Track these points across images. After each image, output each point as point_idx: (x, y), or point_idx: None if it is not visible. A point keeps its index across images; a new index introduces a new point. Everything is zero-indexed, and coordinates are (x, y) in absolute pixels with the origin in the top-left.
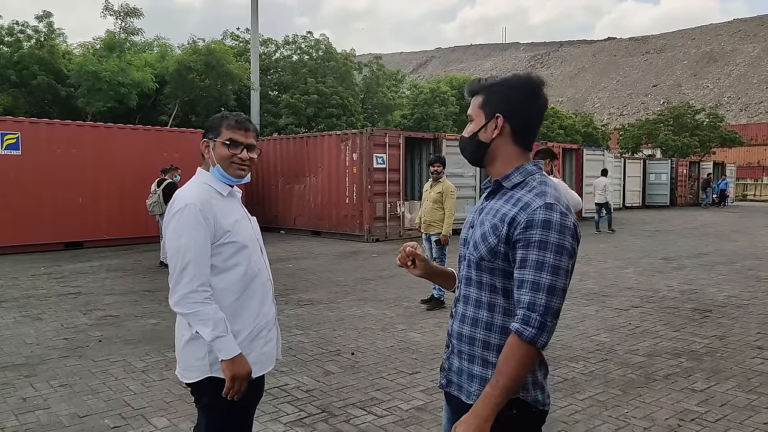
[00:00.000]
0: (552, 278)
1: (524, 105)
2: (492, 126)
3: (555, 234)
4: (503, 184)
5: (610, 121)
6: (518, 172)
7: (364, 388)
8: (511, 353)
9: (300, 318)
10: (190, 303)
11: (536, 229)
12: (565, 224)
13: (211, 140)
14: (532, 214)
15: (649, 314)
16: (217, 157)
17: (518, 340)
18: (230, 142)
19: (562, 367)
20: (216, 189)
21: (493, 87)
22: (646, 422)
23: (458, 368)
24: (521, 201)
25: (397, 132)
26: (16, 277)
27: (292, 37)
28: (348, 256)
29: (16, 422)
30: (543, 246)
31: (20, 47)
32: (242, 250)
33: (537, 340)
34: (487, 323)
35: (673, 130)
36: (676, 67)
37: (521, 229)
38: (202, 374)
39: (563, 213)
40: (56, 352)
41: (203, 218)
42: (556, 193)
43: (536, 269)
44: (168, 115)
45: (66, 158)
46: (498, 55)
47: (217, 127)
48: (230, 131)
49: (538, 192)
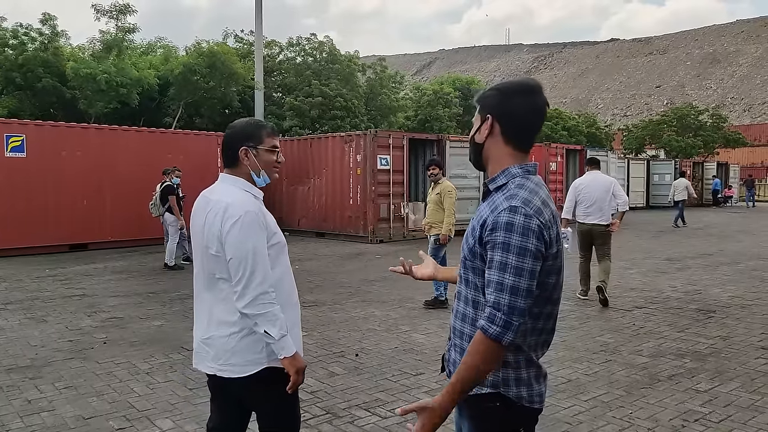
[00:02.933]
0: (515, 279)
1: (513, 106)
2: (484, 127)
3: (517, 236)
4: (489, 186)
5: (613, 122)
6: (503, 174)
7: (369, 389)
8: (474, 348)
9: (304, 319)
10: (262, 304)
11: (499, 231)
12: (528, 226)
13: (251, 148)
14: (497, 217)
15: (653, 315)
16: (262, 164)
17: (482, 336)
18: (274, 149)
19: (565, 368)
20: (254, 195)
21: (488, 92)
22: (650, 423)
23: (454, 360)
24: (494, 203)
25: (400, 133)
26: (21, 279)
27: (296, 39)
28: (352, 258)
29: (21, 424)
30: (506, 248)
31: (25, 49)
32: (283, 249)
33: (502, 338)
34: (472, 319)
35: (677, 130)
36: (679, 68)
37: (488, 231)
38: (260, 366)
39: (527, 215)
40: (61, 354)
41: (264, 223)
42: (529, 195)
43: (500, 270)
44: (172, 117)
45: (71, 160)
46: (501, 56)
47: (257, 135)
48: (271, 138)
49: (509, 195)
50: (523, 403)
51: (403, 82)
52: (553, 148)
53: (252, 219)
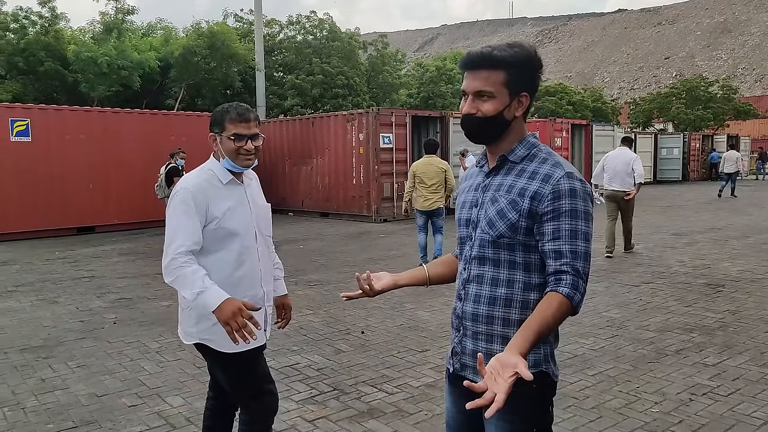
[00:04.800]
0: (586, 245)
1: (538, 83)
2: (516, 104)
3: (582, 202)
4: (510, 159)
5: (620, 95)
6: (522, 145)
7: (375, 366)
8: (557, 308)
9: (310, 298)
10: (171, 269)
11: (564, 198)
12: (586, 191)
13: (218, 135)
14: (557, 185)
15: (660, 290)
16: (225, 151)
17: (567, 303)
18: (235, 137)
19: (572, 344)
20: (218, 176)
21: (519, 64)
22: (657, 397)
23: (473, 350)
24: (539, 173)
25: (403, 111)
26: (32, 262)
27: (296, 17)
28: (356, 237)
29: (36, 402)
30: (574, 214)
31: (26, 34)
32: (232, 236)
33: (579, 306)
34: (506, 300)
35: (686, 103)
36: (689, 39)
37: (549, 201)
38: (194, 339)
39: (582, 180)
40: (72, 334)
41: (193, 203)
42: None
43: (571, 237)
44: (174, 99)
45: (75, 144)
46: (505, 30)
47: (220, 122)
48: (233, 125)
49: (553, 163)
50: (554, 378)
51: (405, 59)
52: (558, 123)
53: (182, 197)
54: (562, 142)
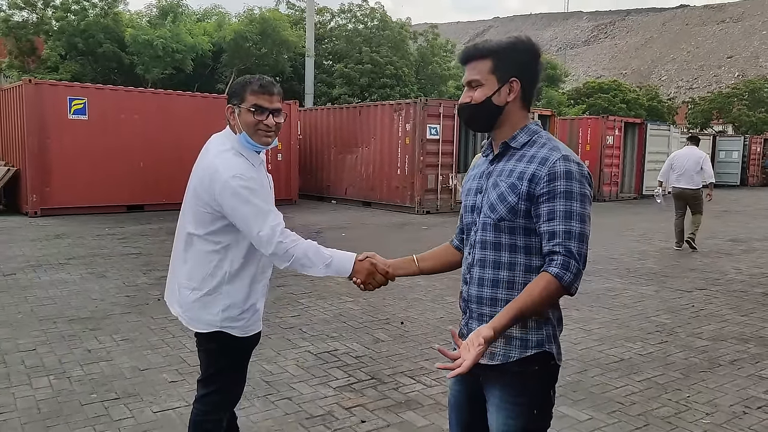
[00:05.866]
0: (581, 226)
1: (532, 68)
2: (506, 90)
3: (577, 183)
4: (511, 145)
5: (678, 95)
6: (523, 132)
7: (414, 357)
8: (544, 289)
9: (350, 286)
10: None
11: (559, 180)
12: (583, 173)
13: (236, 106)
14: (552, 167)
15: (714, 297)
16: (243, 124)
17: (555, 281)
18: (255, 109)
19: (618, 347)
20: (249, 161)
21: (504, 51)
22: (708, 407)
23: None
24: (537, 157)
25: (452, 103)
26: (83, 237)
27: (348, 5)
28: (398, 228)
29: (81, 372)
30: (568, 196)
31: (86, 15)
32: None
33: (572, 286)
34: (509, 282)
35: (748, 104)
36: (754, 38)
37: (544, 183)
38: (213, 328)
39: (579, 163)
40: (118, 308)
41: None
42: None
43: (565, 218)
44: (225, 84)
45: (129, 123)
46: (559, 24)
47: (240, 93)
48: (254, 96)
49: (551, 147)
50: (557, 361)
51: (455, 51)
52: (611, 121)
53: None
54: (614, 141)
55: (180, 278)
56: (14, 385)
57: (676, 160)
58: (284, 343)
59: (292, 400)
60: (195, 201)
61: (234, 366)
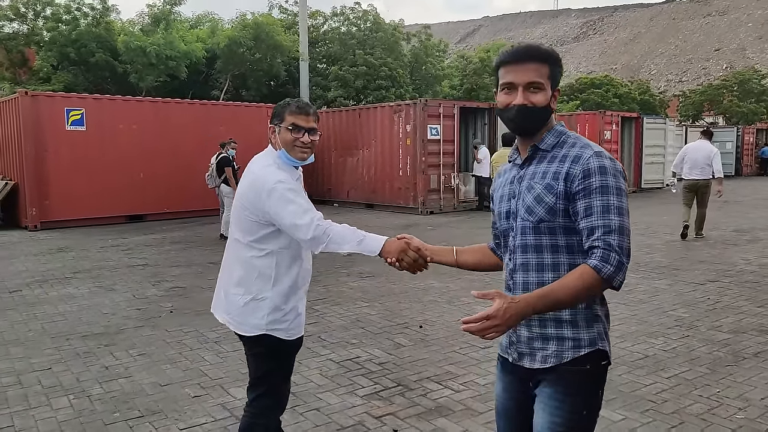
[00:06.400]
0: (620, 219)
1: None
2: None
3: (612, 178)
4: (540, 147)
5: (668, 88)
6: (551, 134)
7: (438, 361)
8: (584, 280)
9: (364, 290)
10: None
11: (594, 176)
12: (617, 168)
13: (277, 126)
14: (586, 164)
15: (728, 289)
16: (282, 141)
17: (595, 274)
18: (293, 127)
19: (641, 343)
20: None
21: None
22: (740, 402)
23: (528, 337)
24: (569, 156)
25: (451, 102)
26: (87, 249)
27: (340, 8)
28: (403, 229)
29: (101, 390)
30: (605, 190)
31: (78, 25)
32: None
33: (613, 278)
34: None
35: (738, 96)
36: (740, 30)
37: (579, 180)
38: (260, 331)
39: (612, 158)
40: (131, 321)
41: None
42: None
43: (603, 212)
44: (219, 90)
45: (127, 133)
46: (548, 22)
47: (280, 114)
48: (292, 117)
49: (582, 145)
50: (609, 359)
51: (447, 50)
52: (608, 116)
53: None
54: (611, 135)
55: (227, 286)
56: (33, 407)
57: (688, 152)
58: (305, 352)
59: (320, 411)
60: (242, 211)
61: (281, 367)
